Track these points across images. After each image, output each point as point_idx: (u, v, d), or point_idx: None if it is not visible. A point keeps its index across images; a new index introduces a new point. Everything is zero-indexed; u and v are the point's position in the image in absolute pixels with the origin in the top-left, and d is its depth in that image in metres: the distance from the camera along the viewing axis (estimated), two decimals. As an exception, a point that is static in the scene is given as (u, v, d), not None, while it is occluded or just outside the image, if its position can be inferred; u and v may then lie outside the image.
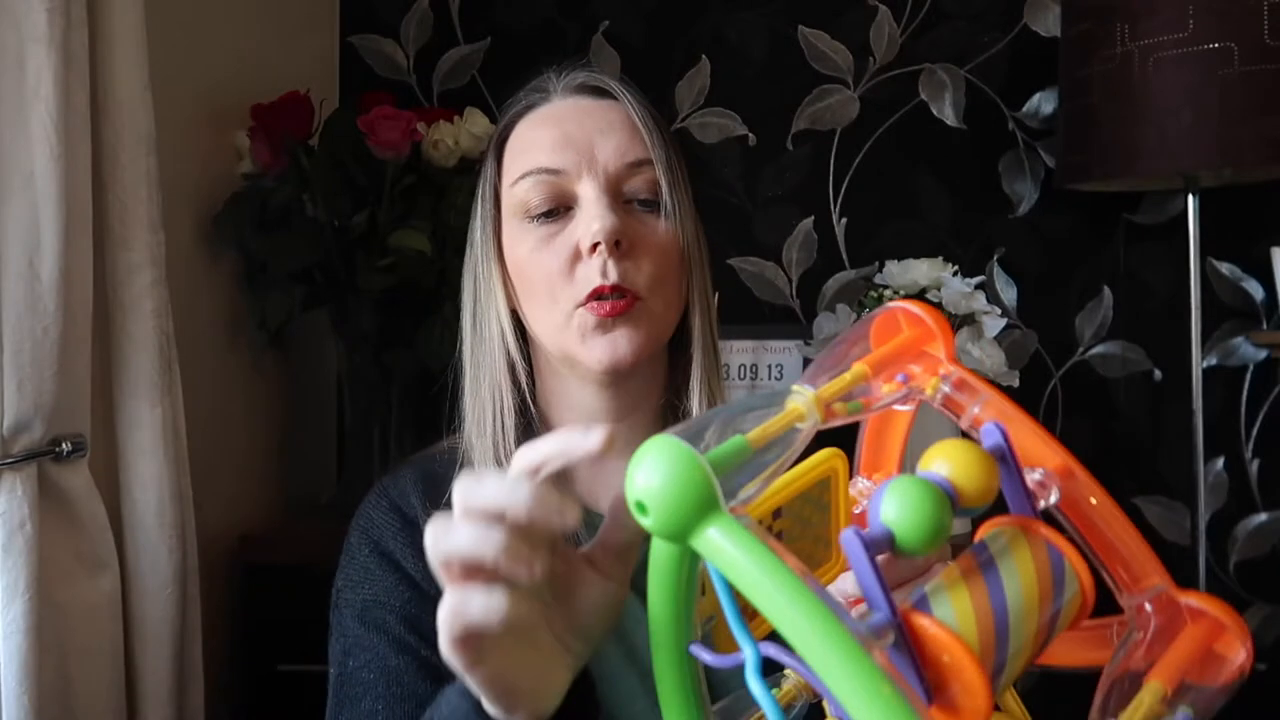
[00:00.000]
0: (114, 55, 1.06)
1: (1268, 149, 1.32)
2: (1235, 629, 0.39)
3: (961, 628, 0.34)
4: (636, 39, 1.76)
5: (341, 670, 0.75)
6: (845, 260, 1.74)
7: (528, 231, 0.75)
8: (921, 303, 0.46)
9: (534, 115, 0.78)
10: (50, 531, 1.00)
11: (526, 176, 0.75)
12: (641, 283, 0.73)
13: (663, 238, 0.75)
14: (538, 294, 0.75)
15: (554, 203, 0.74)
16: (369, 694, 0.72)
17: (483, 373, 0.79)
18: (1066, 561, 0.39)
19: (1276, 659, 1.66)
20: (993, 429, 0.40)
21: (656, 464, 0.34)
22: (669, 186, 0.75)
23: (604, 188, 0.73)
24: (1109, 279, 1.70)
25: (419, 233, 1.38)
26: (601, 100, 0.78)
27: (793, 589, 0.30)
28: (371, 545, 0.77)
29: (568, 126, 0.75)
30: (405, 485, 0.80)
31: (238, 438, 1.48)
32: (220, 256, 1.44)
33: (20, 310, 0.94)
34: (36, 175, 0.95)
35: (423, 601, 0.74)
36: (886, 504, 0.34)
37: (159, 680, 1.11)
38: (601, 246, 0.71)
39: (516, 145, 0.78)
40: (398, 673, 0.72)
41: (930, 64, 1.72)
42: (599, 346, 0.73)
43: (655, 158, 0.75)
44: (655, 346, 0.76)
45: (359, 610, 0.75)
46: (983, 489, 0.37)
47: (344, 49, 1.81)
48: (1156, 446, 1.69)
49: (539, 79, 0.80)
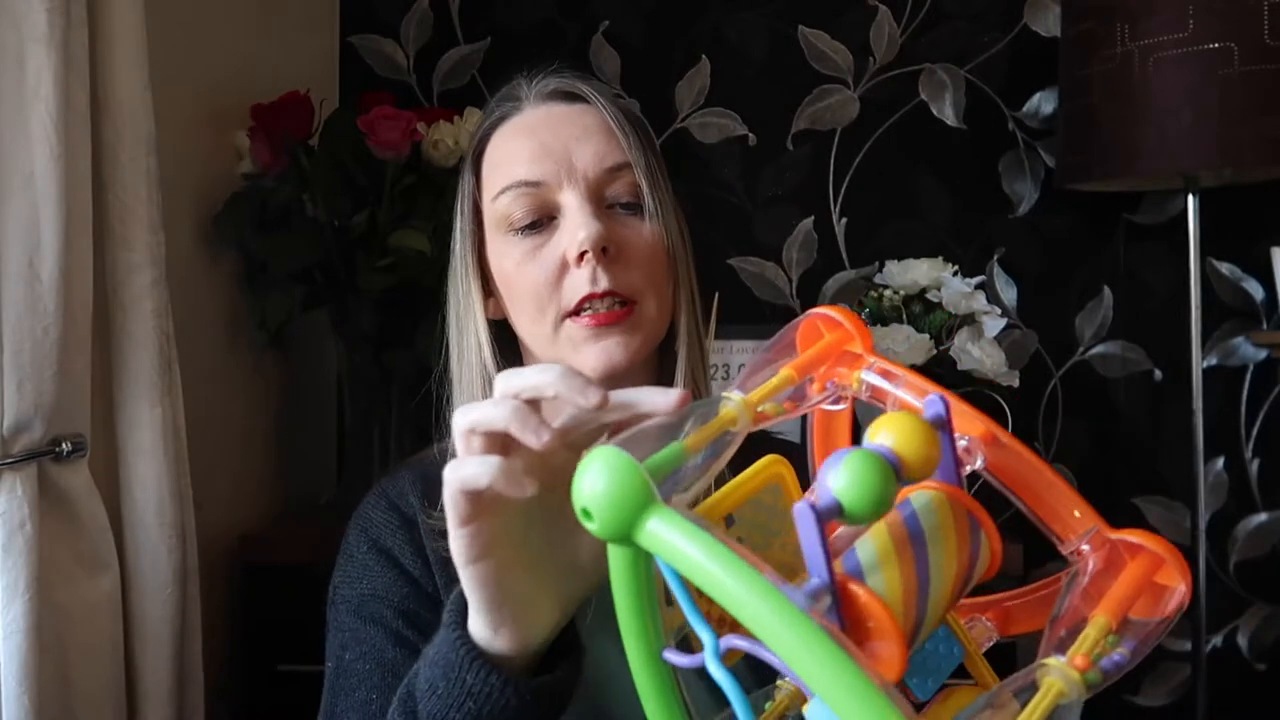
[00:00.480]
0: (114, 55, 1.06)
1: (1268, 149, 1.32)
2: (1173, 561, 0.41)
3: (889, 596, 0.38)
4: (636, 39, 1.76)
5: (337, 664, 0.75)
6: (845, 260, 1.74)
7: (513, 245, 0.75)
8: (837, 306, 0.50)
9: (508, 126, 0.78)
10: (50, 531, 1.00)
11: (506, 191, 0.75)
12: (633, 286, 0.73)
13: (648, 239, 0.75)
14: (526, 306, 0.75)
15: (537, 214, 0.74)
16: (364, 684, 0.72)
17: (464, 382, 0.79)
18: (982, 533, 0.44)
19: (1277, 659, 1.66)
20: (935, 399, 0.43)
21: (596, 471, 0.36)
22: (650, 188, 0.75)
23: (585, 195, 0.73)
24: (1109, 279, 1.70)
25: (419, 233, 1.38)
26: (574, 105, 0.77)
27: (732, 564, 0.33)
28: (370, 542, 0.78)
29: (543, 136, 0.75)
30: (403, 485, 0.80)
31: (238, 438, 1.48)
32: (220, 256, 1.44)
33: (20, 310, 0.94)
34: (36, 175, 0.95)
35: (420, 598, 0.75)
36: (835, 476, 0.36)
37: (159, 680, 1.11)
38: (589, 255, 0.71)
39: (494, 158, 0.77)
40: (394, 664, 0.72)
41: (930, 64, 1.72)
42: (593, 354, 0.73)
43: (633, 160, 0.75)
44: (649, 349, 0.77)
45: (355, 605, 0.76)
46: (925, 458, 0.39)
47: (344, 49, 1.81)
48: (1156, 446, 1.69)
49: (509, 86, 0.80)
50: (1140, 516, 1.68)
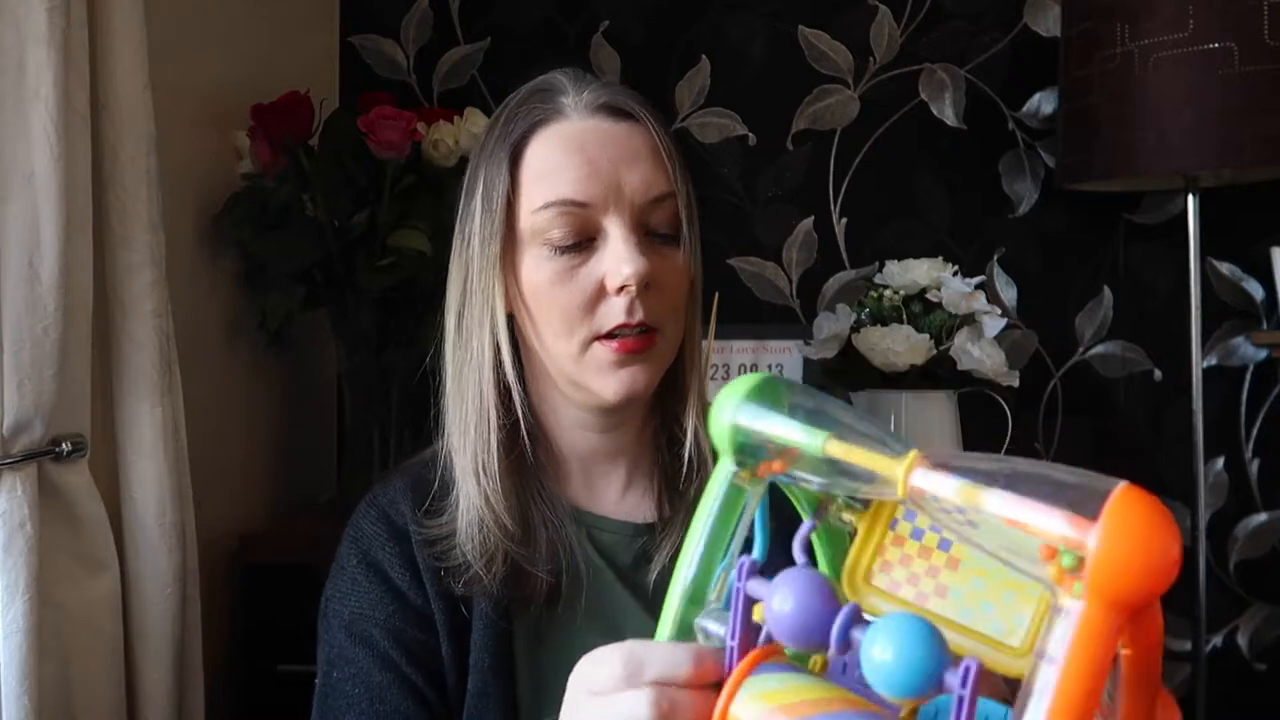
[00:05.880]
0: (114, 55, 1.06)
1: (1268, 149, 1.32)
2: None
3: None
4: (636, 39, 1.76)
5: (326, 680, 0.76)
6: (845, 260, 1.74)
7: (548, 261, 0.74)
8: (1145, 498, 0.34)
9: (552, 133, 0.75)
10: (50, 531, 1.00)
11: (551, 207, 0.73)
12: (661, 316, 0.74)
13: (679, 271, 0.76)
14: (553, 323, 0.74)
15: (578, 236, 0.73)
16: (353, 709, 0.73)
17: (467, 384, 0.78)
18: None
19: (1277, 659, 1.66)
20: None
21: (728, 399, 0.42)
22: (687, 220, 0.76)
23: (630, 225, 0.73)
24: (1109, 279, 1.70)
25: (419, 233, 1.38)
26: (622, 124, 0.75)
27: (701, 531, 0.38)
28: (360, 555, 0.78)
29: (592, 154, 0.73)
30: (395, 494, 0.80)
31: (238, 438, 1.48)
32: (220, 256, 1.44)
33: (20, 310, 0.94)
34: (36, 175, 0.95)
35: (407, 614, 0.75)
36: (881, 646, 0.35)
37: (159, 680, 1.11)
38: (631, 288, 0.72)
39: (537, 166, 0.74)
40: (380, 689, 0.73)
41: (930, 64, 1.72)
42: (615, 381, 0.74)
43: (678, 190, 0.76)
44: (664, 371, 0.78)
45: (346, 621, 0.76)
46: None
47: (344, 49, 1.81)
48: (1156, 446, 1.69)
49: (547, 82, 0.77)
50: (1140, 516, 1.68)
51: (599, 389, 0.74)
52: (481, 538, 0.74)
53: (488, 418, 0.77)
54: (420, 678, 0.74)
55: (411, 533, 0.77)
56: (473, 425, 0.77)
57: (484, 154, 0.78)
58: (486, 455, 0.76)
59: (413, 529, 0.77)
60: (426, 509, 0.78)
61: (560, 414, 0.80)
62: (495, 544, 0.74)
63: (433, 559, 0.76)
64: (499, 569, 0.74)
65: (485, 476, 0.76)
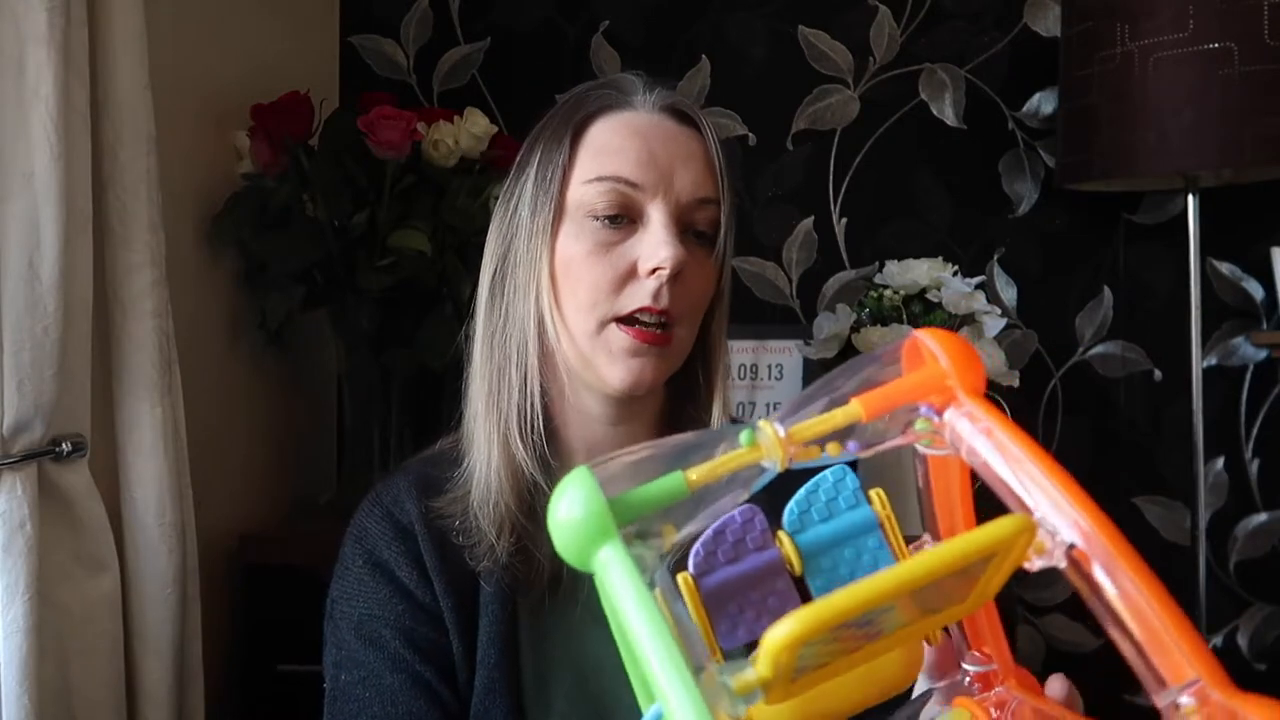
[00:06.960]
0: (114, 55, 1.06)
1: (1268, 149, 1.32)
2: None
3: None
4: (636, 39, 1.76)
5: (335, 683, 0.76)
6: (845, 260, 1.74)
7: (589, 231, 0.75)
8: (943, 331, 0.41)
9: (618, 119, 0.77)
10: (50, 531, 1.00)
11: (604, 180, 0.75)
12: (681, 313, 0.76)
13: (708, 273, 0.78)
14: (578, 294, 0.75)
15: (622, 211, 0.75)
16: (364, 712, 0.73)
17: (498, 350, 0.78)
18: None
19: (1277, 659, 1.66)
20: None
21: (565, 492, 0.36)
22: (726, 230, 0.78)
23: (672, 215, 0.75)
24: (1109, 279, 1.70)
25: (419, 233, 1.38)
26: (684, 127, 0.79)
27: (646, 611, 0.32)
28: (365, 555, 0.78)
29: (654, 144, 0.76)
30: (399, 492, 0.80)
31: (238, 438, 1.48)
32: (220, 256, 1.44)
33: (20, 310, 0.94)
34: (36, 175, 0.95)
35: (417, 612, 0.75)
36: None
37: (159, 680, 1.11)
38: (663, 273, 0.73)
39: (598, 143, 0.77)
40: (391, 691, 0.73)
41: (930, 64, 1.72)
42: (623, 369, 0.75)
43: (722, 199, 0.78)
44: (672, 372, 0.79)
45: (355, 623, 0.76)
46: None
47: (344, 49, 1.81)
48: (1156, 446, 1.69)
49: (619, 77, 0.80)
50: (1140, 517, 1.68)
51: (606, 374, 0.75)
52: (493, 504, 0.75)
53: (518, 383, 0.77)
54: (433, 675, 0.74)
55: (416, 530, 0.77)
56: (501, 389, 0.77)
57: (544, 131, 0.80)
58: (508, 422, 0.77)
59: (418, 526, 0.77)
60: (439, 491, 0.78)
61: (571, 401, 0.80)
62: (505, 513, 0.75)
63: (443, 537, 0.76)
64: (507, 541, 0.74)
65: (505, 441, 0.76)
